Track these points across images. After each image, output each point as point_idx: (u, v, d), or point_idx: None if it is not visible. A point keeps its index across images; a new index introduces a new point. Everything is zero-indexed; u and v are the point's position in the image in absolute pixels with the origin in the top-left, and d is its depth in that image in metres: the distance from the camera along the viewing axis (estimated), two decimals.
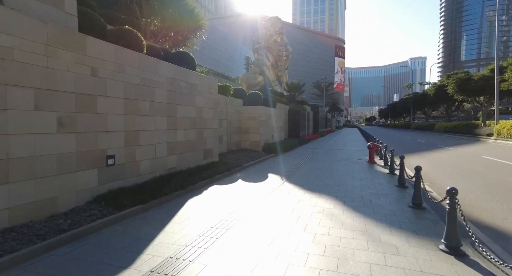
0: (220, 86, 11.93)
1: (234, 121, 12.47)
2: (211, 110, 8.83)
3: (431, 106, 46.27)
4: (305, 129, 24.89)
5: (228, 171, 7.83)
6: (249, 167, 9.32)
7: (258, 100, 13.32)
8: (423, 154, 14.47)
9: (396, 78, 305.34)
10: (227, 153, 11.26)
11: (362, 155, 12.94)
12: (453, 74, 29.23)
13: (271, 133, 14.75)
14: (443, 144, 20.58)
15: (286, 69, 42.40)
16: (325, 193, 5.98)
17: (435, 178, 8.27)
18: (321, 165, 9.96)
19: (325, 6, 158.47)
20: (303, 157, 12.23)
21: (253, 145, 12.94)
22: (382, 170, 9.03)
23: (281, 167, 9.55)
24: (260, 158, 11.17)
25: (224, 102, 11.35)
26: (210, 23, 49.30)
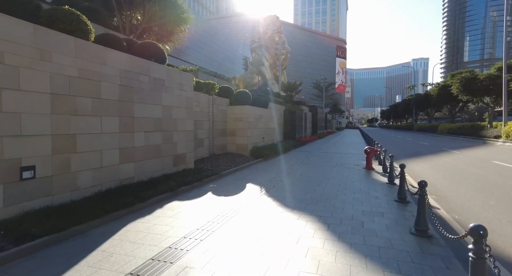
0: (202, 84, 10.84)
1: (219, 122, 11.34)
2: (184, 110, 7.71)
3: (434, 107, 44.91)
4: (302, 131, 23.73)
5: (199, 181, 6.69)
6: (228, 174, 8.17)
7: (246, 100, 12.20)
8: (427, 159, 13.27)
9: (398, 80, 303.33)
10: (208, 158, 10.14)
11: (359, 160, 11.77)
12: (458, 74, 27.96)
13: (261, 136, 13.61)
14: (448, 146, 19.34)
15: (285, 69, 41.32)
16: (307, 212, 4.83)
17: (442, 189, 7.09)
18: (311, 172, 8.81)
19: (327, 7, 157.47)
20: (294, 162, 11.08)
21: (240, 148, 11.81)
22: (380, 179, 7.86)
23: (265, 174, 8.41)
24: (246, 163, 10.04)
25: (206, 102, 10.24)
26: (210, 24, 48.16)
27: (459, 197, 6.31)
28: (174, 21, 12.77)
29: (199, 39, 41.89)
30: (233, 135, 11.88)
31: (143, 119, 6.19)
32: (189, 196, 5.76)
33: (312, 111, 32.50)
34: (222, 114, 11.63)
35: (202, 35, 42.89)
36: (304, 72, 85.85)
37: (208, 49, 45.14)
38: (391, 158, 7.38)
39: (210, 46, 45.78)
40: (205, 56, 44.59)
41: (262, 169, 9.33)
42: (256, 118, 12.79)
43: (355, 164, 10.68)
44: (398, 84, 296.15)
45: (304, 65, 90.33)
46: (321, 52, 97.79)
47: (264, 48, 39.02)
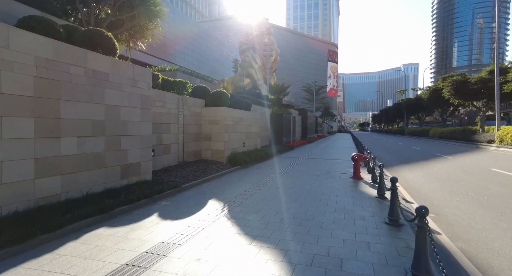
0: (172, 82, 9.66)
1: (192, 126, 10.14)
2: (138, 111, 6.50)
3: (425, 111, 44.56)
4: (290, 135, 22.68)
5: (148, 198, 5.46)
6: (191, 187, 6.96)
7: (224, 101, 11.04)
8: (420, 165, 12.30)
9: (389, 84, 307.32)
10: (176, 166, 8.91)
11: (347, 167, 10.70)
12: (449, 77, 27.44)
13: (242, 141, 12.45)
14: (440, 152, 18.51)
15: (274, 71, 40.43)
16: (272, 243, 3.66)
17: (441, 205, 6.02)
18: (291, 183, 7.67)
19: (319, 11, 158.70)
20: (275, 170, 9.94)
21: (216, 154, 10.62)
22: (369, 191, 6.76)
23: (237, 186, 7.23)
24: (219, 172, 8.84)
25: (174, 102, 9.03)
26: (201, 27, 46.88)
27: (462, 216, 5.24)
28: (144, 14, 11.59)
29: (191, 42, 40.76)
30: (209, 140, 10.69)
31: (75, 121, 4.96)
32: (126, 220, 4.53)
33: (301, 114, 31.56)
34: (196, 116, 10.44)
35: (194, 39, 41.74)
36: (296, 76, 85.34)
37: (199, 53, 43.93)
38: (381, 167, 6.29)
39: (201, 50, 44.61)
40: (197, 60, 43.35)
41: (236, 180, 8.14)
42: (235, 122, 11.63)
43: (342, 172, 9.60)
44: (389, 89, 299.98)
45: (296, 69, 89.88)
46: (312, 56, 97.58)
47: (253, 50, 38.10)
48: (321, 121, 53.58)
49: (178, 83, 9.90)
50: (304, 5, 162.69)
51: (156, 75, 8.64)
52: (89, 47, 5.63)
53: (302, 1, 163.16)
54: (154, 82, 8.56)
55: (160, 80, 8.85)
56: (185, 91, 10.36)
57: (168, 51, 35.56)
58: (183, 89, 10.22)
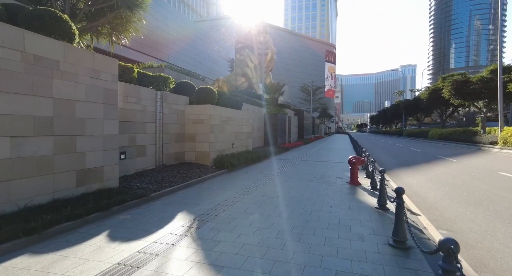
0: (151, 77, 8.74)
1: (173, 125, 9.21)
2: (101, 107, 5.57)
3: (424, 112, 43.85)
4: (285, 136, 21.79)
5: (102, 211, 4.53)
6: (162, 196, 6.02)
7: (210, 98, 10.13)
8: (422, 168, 11.44)
9: (387, 85, 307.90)
10: (153, 170, 7.97)
11: (344, 171, 9.81)
12: (449, 76, 26.68)
13: (231, 142, 11.53)
14: (442, 153, 17.68)
15: (270, 70, 39.60)
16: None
17: (451, 217, 5.13)
18: (279, 190, 6.76)
19: (317, 12, 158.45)
20: (264, 174, 9.03)
21: (200, 157, 9.69)
22: (368, 200, 5.86)
23: (216, 194, 6.31)
24: (201, 176, 7.92)
25: (151, 98, 8.10)
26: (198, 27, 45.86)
27: (481, 234, 4.35)
28: (124, 3, 10.66)
29: (186, 41, 39.82)
30: (192, 141, 9.76)
31: (7, 117, 4.03)
32: (63, 242, 3.59)
33: (298, 115, 30.71)
34: (179, 115, 9.51)
35: (190, 38, 40.77)
36: (293, 77, 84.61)
37: (195, 52, 43.01)
38: (382, 173, 5.40)
39: (197, 49, 43.71)
40: (192, 59, 42.43)
41: (218, 186, 7.21)
42: (223, 121, 10.71)
43: (338, 177, 8.70)
44: (386, 90, 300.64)
45: (293, 70, 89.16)
46: (310, 57, 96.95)
47: (249, 49, 37.27)
48: (318, 122, 52.77)
49: (158, 78, 8.98)
50: (302, 6, 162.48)
51: (130, 68, 7.71)
52: (38, 30, 4.71)
53: (300, 2, 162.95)
54: (128, 76, 7.65)
55: (135, 74, 7.93)
56: (166, 87, 9.44)
57: (162, 50, 34.60)
58: (164, 85, 9.31)
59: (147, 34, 30.73)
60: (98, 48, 8.30)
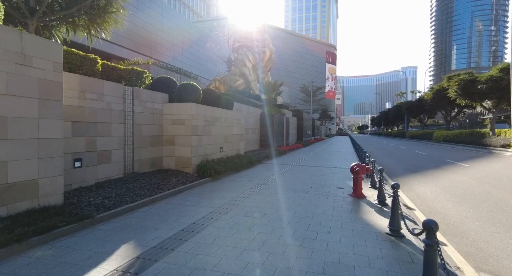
0: (122, 70, 7.53)
1: (149, 126, 7.99)
2: (34, 102, 4.35)
3: (428, 113, 42.55)
4: (282, 138, 20.55)
5: (5, 247, 3.27)
6: (118, 216, 4.76)
7: (193, 96, 8.90)
8: (433, 175, 10.18)
9: (388, 87, 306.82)
10: (120, 180, 6.74)
11: (346, 179, 8.56)
12: (455, 76, 25.41)
13: (218, 145, 10.30)
14: (451, 157, 16.41)
15: (269, 70, 38.45)
16: None
17: (491, 248, 3.86)
18: (266, 206, 5.51)
19: (317, 13, 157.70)
20: (253, 183, 7.78)
21: (180, 163, 8.45)
22: (376, 222, 4.61)
23: (187, 212, 5.07)
24: (177, 187, 6.69)
25: (117, 95, 6.87)
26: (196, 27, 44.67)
27: None
28: None
29: (183, 40, 38.67)
30: (172, 144, 8.52)
31: None
32: None
33: (297, 116, 29.48)
34: (155, 115, 8.29)
35: (187, 37, 39.59)
36: (293, 78, 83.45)
37: (192, 52, 41.79)
38: (395, 189, 4.15)
39: (194, 49, 42.49)
40: (188, 59, 41.25)
41: (192, 200, 5.96)
42: (208, 122, 9.48)
43: (339, 187, 7.46)
44: (387, 91, 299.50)
45: (293, 70, 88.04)
46: (310, 58, 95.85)
47: (246, 48, 36.14)
48: (318, 123, 51.53)
49: (131, 72, 7.76)
50: (303, 7, 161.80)
51: (92, 59, 6.50)
52: None
53: (300, 4, 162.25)
54: (89, 68, 6.43)
55: (99, 66, 6.71)
56: (140, 82, 8.23)
57: (157, 49, 33.43)
58: (138, 80, 8.09)
59: (142, 33, 29.65)
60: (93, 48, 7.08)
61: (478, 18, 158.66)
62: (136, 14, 28.65)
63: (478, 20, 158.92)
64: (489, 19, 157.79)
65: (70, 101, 5.61)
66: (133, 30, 28.17)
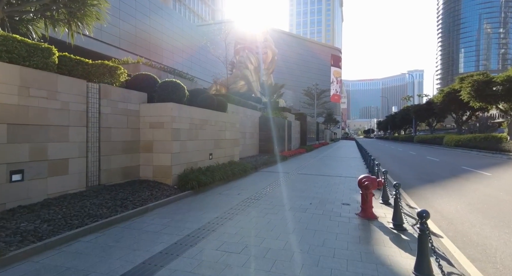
0: (90, 64, 6.45)
1: (120, 130, 6.86)
2: None
3: (437, 117, 40.87)
4: (283, 142, 19.32)
5: None
6: (48, 249, 3.56)
7: (176, 95, 7.78)
8: (453, 186, 8.84)
9: (394, 91, 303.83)
10: (79, 194, 5.59)
11: (352, 191, 7.30)
12: (468, 77, 23.95)
13: (207, 151, 9.13)
14: (468, 164, 14.97)
15: (271, 73, 37.39)
16: None
17: None
18: (251, 233, 4.29)
19: (322, 17, 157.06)
20: (242, 198, 6.57)
21: (159, 172, 7.28)
22: (395, 258, 3.35)
23: (144, 243, 3.88)
24: (146, 204, 5.52)
25: (76, 93, 5.76)
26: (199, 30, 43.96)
27: None
28: None
29: (184, 43, 37.89)
30: (149, 151, 7.38)
31: None
32: None
33: (300, 119, 28.25)
34: (130, 117, 7.17)
35: (188, 40, 38.77)
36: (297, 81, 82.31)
37: (193, 54, 41.01)
38: (422, 221, 2.91)
39: (196, 52, 41.72)
40: (189, 61, 40.47)
41: (158, 224, 4.76)
42: (194, 125, 8.33)
43: (345, 203, 6.21)
44: (393, 95, 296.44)
45: (297, 74, 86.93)
46: (315, 61, 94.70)
47: (248, 50, 35.17)
48: (323, 127, 50.14)
49: (100, 66, 6.67)
50: (307, 11, 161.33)
51: (45, 49, 5.40)
52: None
53: (305, 7, 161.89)
54: (41, 60, 5.34)
55: (54, 58, 5.62)
56: (114, 80, 7.13)
57: (156, 51, 32.61)
58: (110, 76, 7.00)
59: (140, 34, 28.88)
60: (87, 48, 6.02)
61: (486, 21, 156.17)
62: (134, 15, 27.91)
63: (486, 22, 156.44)
64: (498, 22, 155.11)
65: (5, 99, 4.51)
66: (130, 32, 27.41)
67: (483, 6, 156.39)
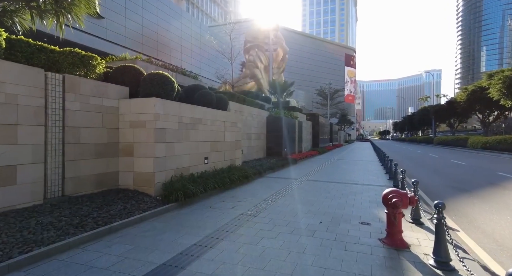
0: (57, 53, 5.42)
1: (92, 130, 5.80)
2: None
3: (460, 117, 38.27)
4: (293, 144, 17.97)
5: None
6: None
7: (164, 90, 6.66)
8: (494, 198, 7.28)
9: (410, 91, 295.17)
10: (31, 209, 4.53)
11: (372, 204, 5.92)
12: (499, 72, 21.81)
13: (202, 155, 7.97)
14: (504, 170, 13.16)
15: (282, 72, 36.09)
16: None
17: None
18: (235, 271, 3.06)
19: (335, 17, 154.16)
20: (235, 213, 5.34)
21: (140, 180, 6.16)
22: None
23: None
24: (109, 224, 4.38)
25: (29, 83, 4.71)
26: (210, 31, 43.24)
27: None
28: None
29: (194, 43, 37.18)
30: (130, 154, 6.28)
31: None
32: None
33: (312, 120, 26.77)
34: (107, 114, 6.10)
35: (198, 40, 38.04)
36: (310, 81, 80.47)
37: (206, 56, 40.22)
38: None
39: (208, 53, 40.95)
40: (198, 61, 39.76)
41: (114, 254, 3.60)
42: (184, 124, 7.18)
43: (364, 222, 4.87)
44: (410, 96, 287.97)
45: (310, 74, 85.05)
46: (328, 61, 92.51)
47: (258, 48, 34.03)
48: (337, 128, 48.27)
49: (68, 54, 5.63)
50: (321, 11, 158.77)
51: None
52: None
53: (318, 7, 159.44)
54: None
55: (1, 41, 4.60)
56: (87, 71, 6.08)
57: (164, 50, 31.94)
58: (84, 67, 5.95)
59: (147, 33, 28.25)
60: None
61: (510, 17, 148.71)
62: (142, 14, 27.31)
63: (510, 19, 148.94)
64: None
65: None
66: (137, 31, 26.81)
67: (507, 1, 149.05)
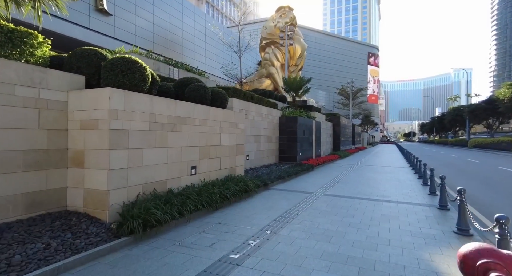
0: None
1: (23, 132, 4.25)
2: None
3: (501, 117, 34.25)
4: (310, 148, 15.94)
5: None
6: None
7: (127, 78, 5.02)
8: None
9: (437, 92, 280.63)
10: None
11: (416, 236, 3.89)
12: None
13: (185, 163, 6.25)
14: None
15: (300, 70, 34.00)
16: None
17: None
18: None
19: (358, 15, 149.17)
20: (215, 255, 3.54)
21: (92, 200, 4.54)
22: None
23: None
24: (12, 273, 2.72)
25: None
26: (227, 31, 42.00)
27: None
28: None
29: (211, 44, 36.06)
30: (80, 165, 4.68)
31: None
32: None
33: (332, 120, 24.52)
34: (48, 111, 4.54)
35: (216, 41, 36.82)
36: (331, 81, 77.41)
37: (222, 55, 38.98)
38: None
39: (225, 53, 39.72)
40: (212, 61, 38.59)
41: None
42: (159, 124, 5.51)
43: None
44: (437, 96, 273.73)
45: (331, 74, 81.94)
46: (350, 60, 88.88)
47: (274, 46, 32.21)
48: (360, 130, 45.28)
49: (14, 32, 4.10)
50: (342, 10, 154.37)
51: None
52: None
53: (339, 6, 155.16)
54: None
55: None
56: (23, 53, 4.54)
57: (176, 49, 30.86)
58: (15, 48, 4.42)
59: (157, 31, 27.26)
60: None
61: None
62: (152, 11, 26.36)
63: None
64: None
65: None
66: (148, 29, 25.84)
67: None
